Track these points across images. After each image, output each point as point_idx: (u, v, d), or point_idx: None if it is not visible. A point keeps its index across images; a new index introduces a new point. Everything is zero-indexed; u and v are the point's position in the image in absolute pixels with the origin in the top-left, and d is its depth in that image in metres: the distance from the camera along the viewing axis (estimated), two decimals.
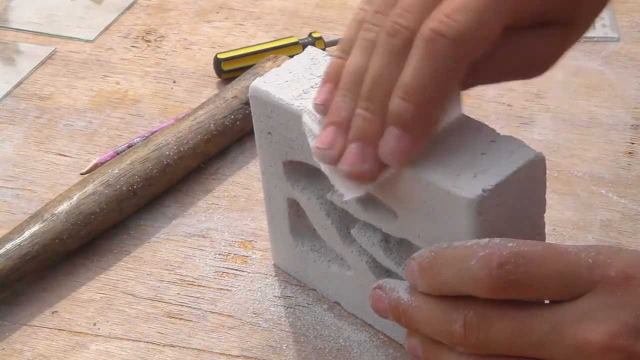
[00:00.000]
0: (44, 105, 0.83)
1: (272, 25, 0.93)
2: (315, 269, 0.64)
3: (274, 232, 0.66)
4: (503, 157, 0.54)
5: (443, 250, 0.53)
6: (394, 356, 0.62)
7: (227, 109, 0.77)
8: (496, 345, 0.52)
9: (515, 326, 0.52)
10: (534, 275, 0.52)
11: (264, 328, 0.64)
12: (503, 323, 0.52)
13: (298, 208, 0.63)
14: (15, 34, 0.93)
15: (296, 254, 0.65)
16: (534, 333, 0.52)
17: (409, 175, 0.54)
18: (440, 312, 0.53)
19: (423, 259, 0.54)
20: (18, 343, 0.63)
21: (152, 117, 0.82)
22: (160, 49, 0.90)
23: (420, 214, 0.55)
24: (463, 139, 0.55)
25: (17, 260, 0.65)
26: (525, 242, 0.52)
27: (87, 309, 0.65)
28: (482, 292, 0.52)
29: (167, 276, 0.68)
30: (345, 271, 0.63)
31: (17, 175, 0.76)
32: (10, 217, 0.72)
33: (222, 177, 0.76)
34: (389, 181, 0.55)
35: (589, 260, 0.52)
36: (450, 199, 0.53)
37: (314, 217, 0.62)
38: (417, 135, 0.53)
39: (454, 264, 0.53)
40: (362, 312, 0.63)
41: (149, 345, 0.63)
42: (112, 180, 0.70)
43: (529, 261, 0.52)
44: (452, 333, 0.53)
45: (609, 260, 0.51)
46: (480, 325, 0.52)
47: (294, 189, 0.62)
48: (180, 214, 0.72)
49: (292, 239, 0.64)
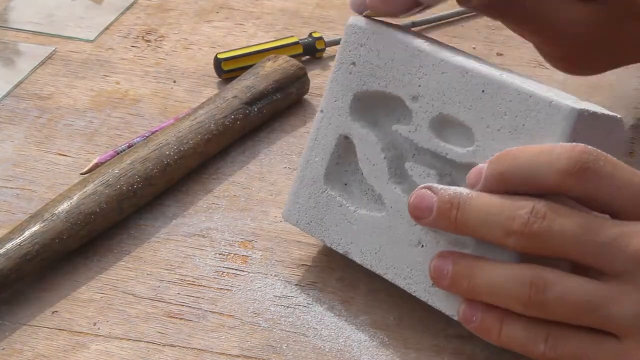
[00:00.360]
0: (44, 105, 0.83)
1: (272, 25, 0.93)
2: (335, 216, 0.65)
3: (302, 179, 0.67)
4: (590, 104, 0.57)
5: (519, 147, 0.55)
6: (393, 356, 0.62)
7: (228, 109, 0.77)
8: (557, 239, 0.52)
9: (583, 222, 0.52)
10: (608, 173, 0.53)
11: (264, 328, 0.64)
12: (572, 218, 0.53)
13: (345, 147, 0.65)
14: (15, 33, 0.93)
15: (319, 200, 0.65)
16: (601, 233, 0.52)
17: (504, 89, 0.57)
18: (506, 201, 0.54)
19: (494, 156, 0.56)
20: (18, 343, 0.63)
21: (152, 117, 0.82)
22: (160, 49, 0.90)
23: (504, 132, 0.57)
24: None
25: (17, 260, 0.65)
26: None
27: (87, 308, 0.65)
28: (555, 174, 0.53)
29: (167, 276, 0.68)
30: (377, 213, 0.63)
31: (17, 175, 0.76)
32: (10, 217, 0.72)
33: (222, 177, 0.76)
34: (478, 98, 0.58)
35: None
36: (550, 110, 0.55)
37: (366, 153, 0.64)
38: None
39: (533, 149, 0.54)
40: (377, 260, 0.63)
41: (149, 345, 0.63)
42: (112, 180, 0.70)
43: (608, 161, 0.53)
44: (513, 219, 0.53)
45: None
46: (548, 214, 0.53)
47: (354, 122, 0.64)
48: (181, 213, 0.72)
49: (322, 183, 0.65)
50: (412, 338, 0.63)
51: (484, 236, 0.55)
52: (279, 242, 0.70)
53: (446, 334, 0.63)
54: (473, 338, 0.61)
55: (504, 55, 0.88)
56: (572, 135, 0.55)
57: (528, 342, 0.55)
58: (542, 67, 0.85)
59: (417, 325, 0.63)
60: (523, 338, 0.55)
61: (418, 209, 0.57)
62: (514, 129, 0.57)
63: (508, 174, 0.55)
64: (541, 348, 0.54)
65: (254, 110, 0.79)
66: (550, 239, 0.53)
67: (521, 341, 0.55)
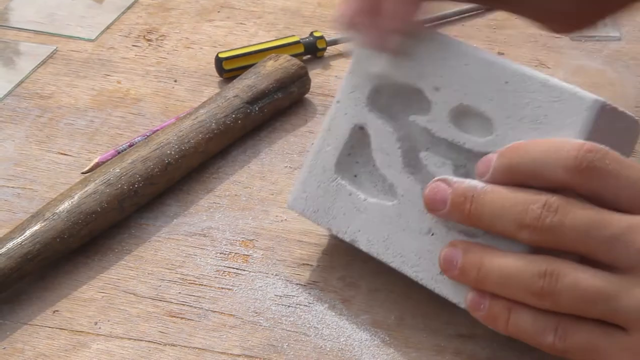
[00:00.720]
0: (45, 105, 0.83)
1: (273, 25, 0.93)
2: (344, 204, 0.65)
3: (312, 168, 0.67)
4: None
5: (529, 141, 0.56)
6: (394, 355, 0.62)
7: (229, 108, 0.77)
8: (569, 233, 0.53)
9: (593, 217, 0.53)
10: (614, 171, 0.53)
11: (265, 327, 0.64)
12: (582, 212, 0.53)
13: (359, 138, 0.65)
14: (16, 33, 0.93)
15: (329, 188, 0.66)
16: (610, 228, 0.52)
17: (528, 81, 0.58)
18: (519, 194, 0.55)
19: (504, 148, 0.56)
20: (19, 342, 0.63)
21: (153, 116, 0.82)
22: (161, 48, 0.90)
23: (525, 122, 0.58)
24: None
25: (18, 259, 0.65)
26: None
27: (88, 308, 0.65)
28: (563, 171, 0.53)
29: (168, 275, 0.68)
30: (387, 201, 0.63)
31: (18, 174, 0.76)
32: (12, 216, 0.72)
33: (223, 176, 0.76)
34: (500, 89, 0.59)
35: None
36: (574, 100, 0.56)
37: (381, 143, 0.64)
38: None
39: (542, 145, 0.55)
40: (384, 248, 0.63)
41: (150, 344, 0.63)
42: (113, 179, 0.70)
43: (614, 159, 0.54)
44: (526, 213, 0.54)
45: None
46: (560, 208, 0.53)
47: (371, 113, 0.65)
48: (182, 212, 0.72)
49: (332, 172, 0.66)
50: (413, 337, 0.62)
51: (497, 229, 0.56)
52: (280, 241, 0.70)
53: (447, 334, 0.63)
54: (474, 337, 0.61)
55: (505, 55, 0.88)
56: (593, 127, 0.56)
57: (537, 332, 0.55)
58: (543, 67, 0.85)
59: (418, 325, 0.63)
60: (531, 328, 0.55)
61: (433, 201, 0.58)
62: (535, 120, 0.58)
63: (517, 167, 0.55)
64: (550, 339, 0.54)
65: (255, 109, 0.79)
66: (562, 233, 0.53)
67: (530, 331, 0.55)
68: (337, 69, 0.87)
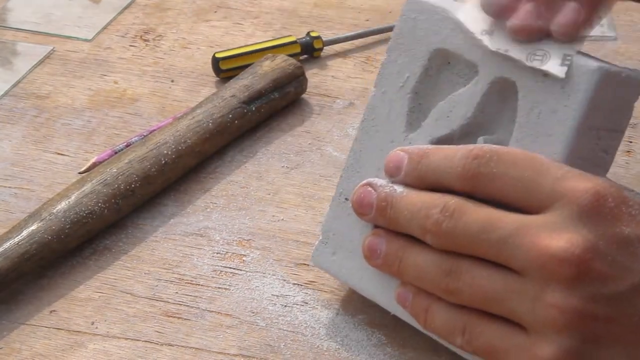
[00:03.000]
0: (42, 105, 0.84)
1: (270, 25, 0.93)
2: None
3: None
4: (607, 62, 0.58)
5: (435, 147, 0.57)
6: (391, 354, 0.62)
7: (225, 108, 0.77)
8: (462, 237, 0.54)
9: (484, 220, 0.53)
10: (499, 174, 0.54)
11: (262, 327, 0.64)
12: (474, 216, 0.54)
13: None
14: (13, 33, 0.93)
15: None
16: (498, 230, 0.53)
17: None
18: (426, 200, 0.55)
19: (413, 151, 0.57)
20: (16, 342, 0.63)
21: (150, 116, 0.82)
22: (158, 48, 0.90)
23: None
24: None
25: (16, 259, 0.65)
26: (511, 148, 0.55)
27: (86, 308, 0.65)
28: (455, 180, 0.55)
29: (165, 275, 0.68)
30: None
31: (15, 174, 0.76)
32: (9, 216, 0.72)
33: (220, 176, 0.76)
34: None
35: (559, 172, 0.53)
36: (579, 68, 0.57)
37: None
38: (589, 14, 0.57)
39: (440, 153, 0.55)
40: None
41: (147, 344, 0.63)
42: (110, 179, 0.71)
43: (500, 160, 0.54)
44: (428, 218, 0.55)
45: (582, 176, 0.52)
46: (455, 213, 0.54)
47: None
48: (179, 212, 0.73)
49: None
50: (409, 337, 0.63)
51: (412, 234, 0.56)
52: (277, 241, 0.70)
53: None
54: None
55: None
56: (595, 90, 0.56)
57: (448, 332, 0.56)
58: None
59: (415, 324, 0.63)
60: (444, 328, 0.56)
61: (360, 206, 0.59)
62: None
63: (423, 174, 0.56)
64: (459, 341, 0.55)
65: (251, 109, 0.79)
66: (456, 237, 0.54)
67: (442, 330, 0.56)
68: (333, 69, 0.87)
